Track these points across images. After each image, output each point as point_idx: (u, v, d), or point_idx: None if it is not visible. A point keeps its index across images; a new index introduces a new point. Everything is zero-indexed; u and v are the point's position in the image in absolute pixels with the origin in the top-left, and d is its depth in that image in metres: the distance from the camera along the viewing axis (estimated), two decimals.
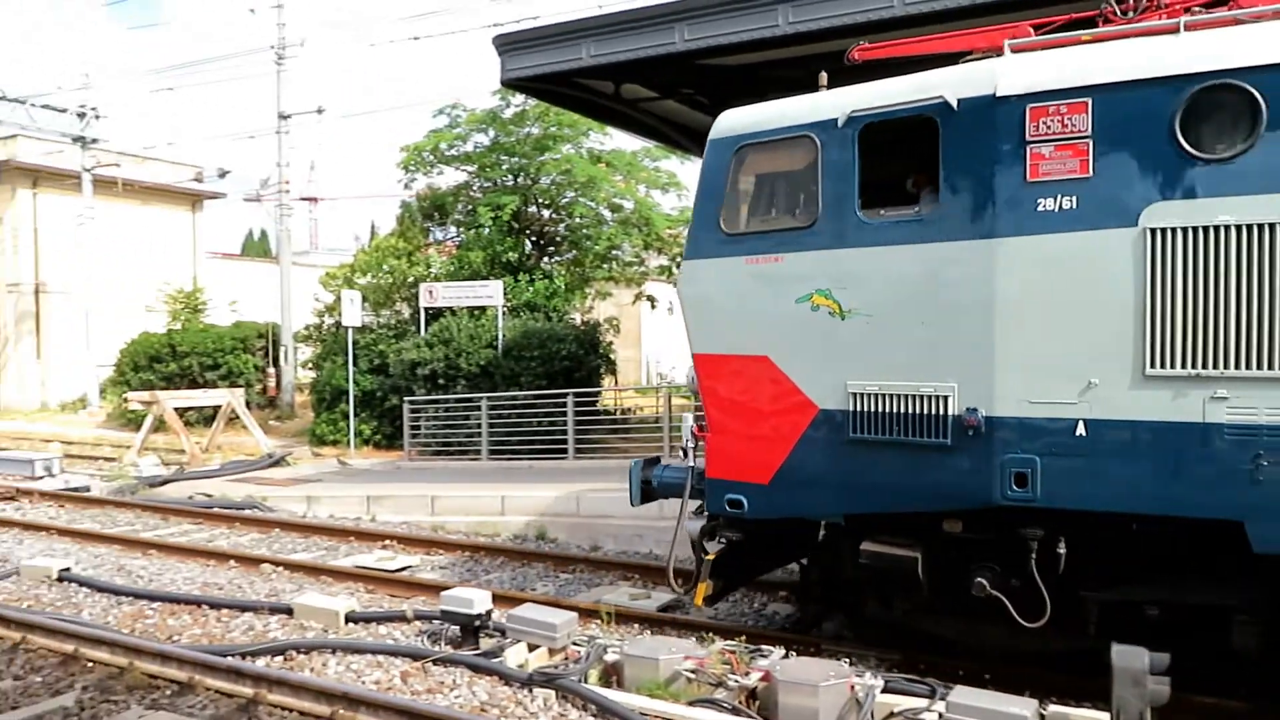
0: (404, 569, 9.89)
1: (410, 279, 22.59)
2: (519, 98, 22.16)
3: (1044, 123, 5.75)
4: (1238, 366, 5.21)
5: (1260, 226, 5.13)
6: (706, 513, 7.16)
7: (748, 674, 6.03)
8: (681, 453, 7.53)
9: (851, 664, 6.19)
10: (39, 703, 6.41)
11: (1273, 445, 5.11)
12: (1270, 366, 5.11)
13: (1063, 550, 5.85)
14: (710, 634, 6.84)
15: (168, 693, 6.55)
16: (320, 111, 25.11)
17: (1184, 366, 5.35)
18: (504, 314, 19.58)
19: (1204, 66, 5.34)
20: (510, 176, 22.48)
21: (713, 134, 7.02)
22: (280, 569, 9.80)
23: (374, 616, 7.98)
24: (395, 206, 30.77)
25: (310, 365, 25.25)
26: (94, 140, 29.65)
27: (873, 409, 6.29)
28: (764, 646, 6.61)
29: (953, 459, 5.99)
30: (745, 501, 6.89)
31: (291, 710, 6.12)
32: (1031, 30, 6.34)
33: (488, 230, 21.47)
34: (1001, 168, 5.82)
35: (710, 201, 7.01)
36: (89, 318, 28.94)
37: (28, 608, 8.45)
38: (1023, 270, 5.76)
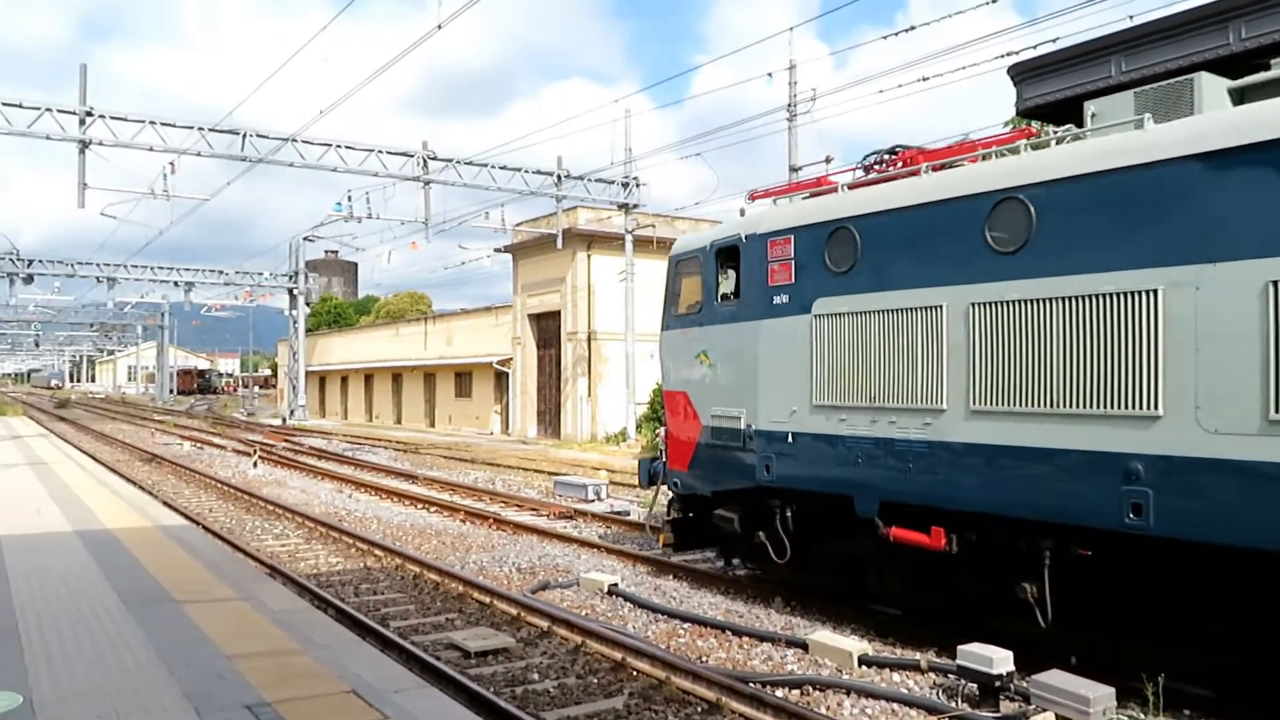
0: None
1: None
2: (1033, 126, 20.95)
3: (775, 250, 9.41)
4: (848, 400, 8.60)
5: (858, 313, 8.49)
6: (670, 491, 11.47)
7: None
8: (659, 452, 11.62)
9: None
10: (595, 702, 7.28)
11: (863, 449, 8.44)
12: (862, 401, 8.44)
13: (789, 513, 9.60)
14: None
15: (698, 709, 7.06)
16: (828, 161, 26.01)
17: (829, 400, 8.80)
18: None
19: (834, 216, 8.83)
20: None
21: (670, 254, 11.30)
22: (793, 604, 10.13)
23: (887, 662, 7.90)
24: None
25: None
26: (635, 206, 33.86)
27: (719, 425, 10.20)
28: None
29: (743, 457, 9.81)
30: (679, 483, 11.12)
31: None
32: (846, 181, 9.50)
33: None
34: (760, 277, 9.56)
35: (668, 294, 11.24)
36: (629, 361, 32.96)
37: (585, 615, 9.70)
38: (768, 340, 9.47)
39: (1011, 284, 7.32)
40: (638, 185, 33.79)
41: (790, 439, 9.22)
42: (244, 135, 29.03)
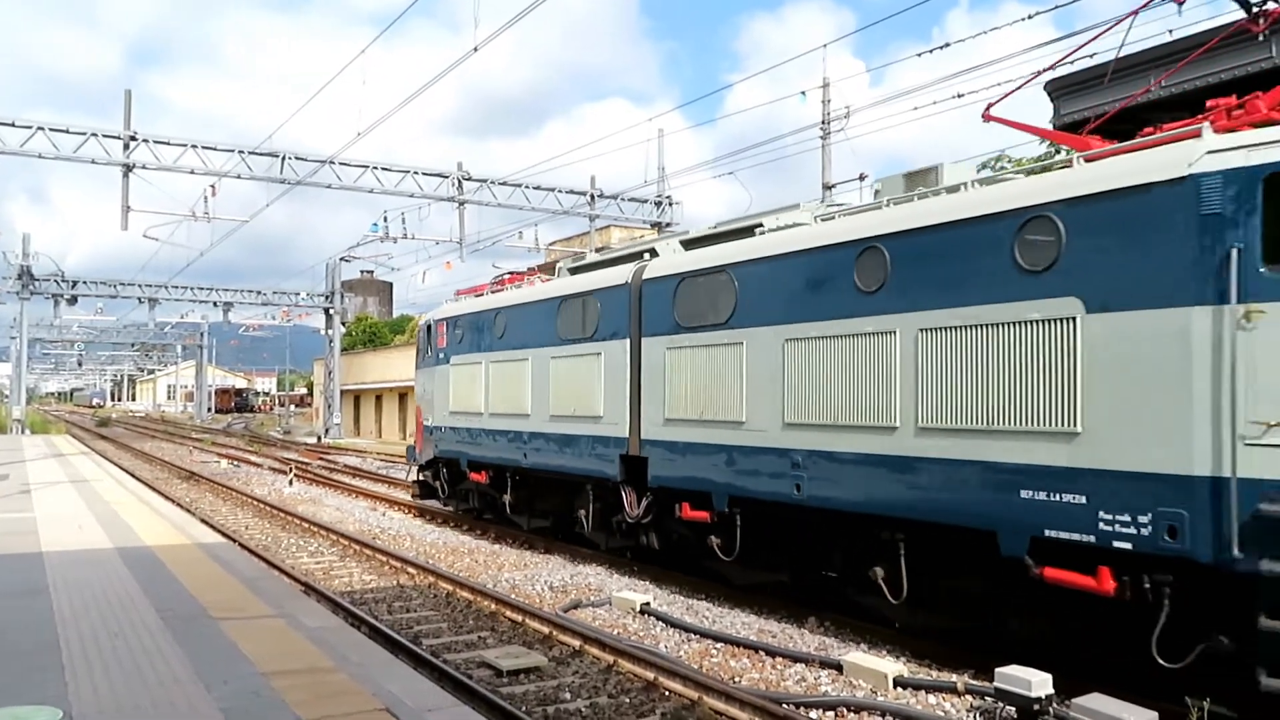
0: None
1: None
2: None
3: (441, 329, 17.93)
4: (462, 409, 16.87)
5: (464, 365, 16.80)
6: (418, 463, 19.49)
7: None
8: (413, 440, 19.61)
9: None
10: None
11: (465, 435, 16.77)
12: (467, 409, 16.65)
13: (444, 470, 18.14)
14: None
15: None
16: (862, 179, 25.91)
17: (455, 409, 17.12)
18: None
19: (456, 313, 17.51)
20: None
21: (419, 324, 20.71)
22: (827, 624, 10.03)
23: (923, 684, 7.79)
24: None
25: None
26: (668, 225, 33.93)
27: (427, 425, 18.41)
28: None
29: (432, 441, 18.10)
30: (417, 459, 19.21)
31: None
32: (534, 281, 16.68)
33: None
34: (434, 342, 18.14)
35: (417, 349, 19.74)
36: None
37: (618, 634, 9.66)
38: (438, 378, 17.84)
39: (519, 351, 15.04)
40: (671, 204, 33.90)
41: (443, 429, 17.62)
42: (283, 158, 29.52)
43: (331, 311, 56.99)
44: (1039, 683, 6.64)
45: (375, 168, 30.60)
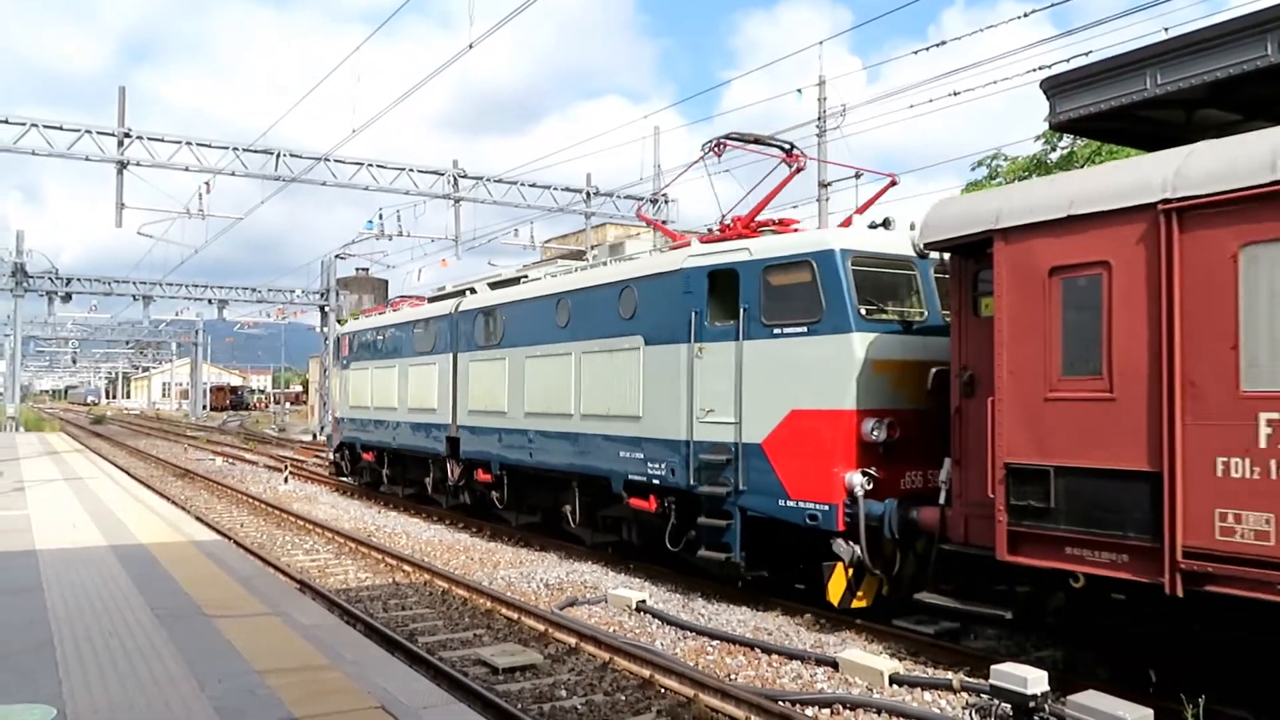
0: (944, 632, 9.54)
1: None
2: (1065, 140, 20.85)
3: (345, 342, 23.68)
4: (358, 403, 22.26)
5: (359, 370, 22.28)
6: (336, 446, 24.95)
7: None
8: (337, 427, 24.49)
9: None
10: (624, 718, 7.23)
11: (358, 424, 22.30)
12: (359, 404, 22.32)
13: (346, 452, 23.53)
14: None
15: None
16: (858, 177, 25.85)
17: (353, 404, 22.55)
18: None
19: (354, 330, 23.61)
20: None
21: (339, 331, 27.50)
22: (823, 621, 10.03)
23: (919, 681, 7.79)
24: None
25: None
26: (664, 222, 33.88)
27: (339, 418, 23.81)
28: None
29: (342, 430, 23.57)
30: (332, 443, 25.33)
31: None
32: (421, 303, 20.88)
33: None
34: (341, 352, 23.84)
35: (334, 354, 26.25)
36: None
37: (613, 632, 9.65)
38: (346, 379, 23.29)
39: (391, 360, 20.26)
40: (666, 202, 33.88)
41: (346, 420, 22.74)
42: (278, 155, 29.44)
43: (327, 309, 56.83)
44: (1035, 680, 6.63)
45: (370, 165, 30.54)
